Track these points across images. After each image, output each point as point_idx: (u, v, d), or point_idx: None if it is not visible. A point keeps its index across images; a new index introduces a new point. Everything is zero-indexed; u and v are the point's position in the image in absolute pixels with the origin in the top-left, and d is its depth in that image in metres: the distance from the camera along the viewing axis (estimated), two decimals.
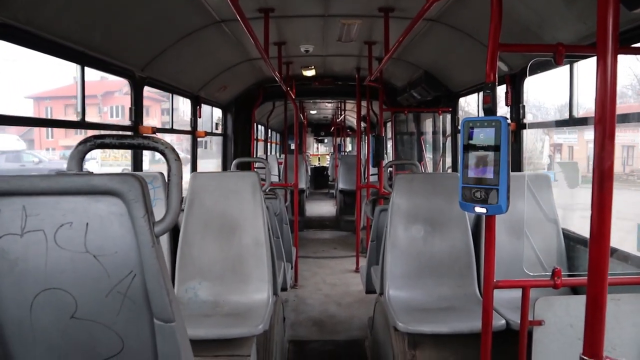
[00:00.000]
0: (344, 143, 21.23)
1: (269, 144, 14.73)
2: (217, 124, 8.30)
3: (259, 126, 11.95)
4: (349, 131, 20.84)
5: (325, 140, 27.17)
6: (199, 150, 6.40)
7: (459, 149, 2.41)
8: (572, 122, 3.81)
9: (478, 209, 2.30)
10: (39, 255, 1.34)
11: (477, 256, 3.89)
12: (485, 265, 2.40)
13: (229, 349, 3.25)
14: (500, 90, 4.40)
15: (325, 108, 16.19)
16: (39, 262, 1.35)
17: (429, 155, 8.81)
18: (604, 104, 1.56)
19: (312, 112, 17.33)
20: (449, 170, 7.15)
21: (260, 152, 12.86)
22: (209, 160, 14.23)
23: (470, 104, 7.14)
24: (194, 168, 6.24)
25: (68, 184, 1.29)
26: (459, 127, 3.03)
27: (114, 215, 1.32)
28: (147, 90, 4.60)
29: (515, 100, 4.42)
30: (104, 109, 42.35)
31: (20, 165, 24.06)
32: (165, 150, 1.42)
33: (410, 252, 3.96)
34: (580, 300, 2.30)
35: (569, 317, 2.44)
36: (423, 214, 4.02)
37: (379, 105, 6.96)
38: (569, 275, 3.63)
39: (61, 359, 1.44)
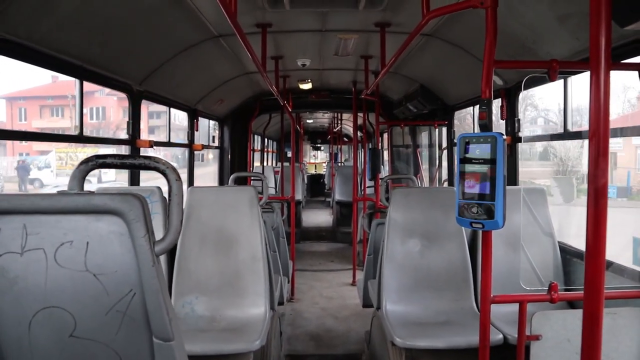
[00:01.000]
0: (340, 152, 21.21)
1: (265, 153, 14.76)
2: (213, 137, 8.32)
3: (256, 136, 11.98)
4: (346, 139, 20.86)
5: (322, 148, 27.16)
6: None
7: (456, 165, 2.43)
8: (567, 135, 3.84)
9: (475, 225, 2.31)
10: (38, 273, 1.35)
11: (474, 270, 3.89)
12: (482, 280, 2.40)
13: None
14: (496, 104, 4.46)
15: (321, 117, 16.22)
16: (39, 280, 1.35)
17: (425, 167, 8.83)
18: (598, 120, 1.58)
19: (308, 121, 17.36)
20: (445, 183, 7.18)
21: (257, 161, 12.87)
22: (204, 169, 14.21)
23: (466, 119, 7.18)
24: (190, 182, 6.25)
25: (69, 203, 1.29)
26: (455, 142, 3.05)
27: (114, 234, 1.33)
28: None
29: (511, 114, 4.45)
30: (83, 111, 41.69)
31: None
32: (166, 171, 1.43)
33: (407, 266, 3.97)
34: (577, 315, 2.30)
35: (566, 332, 2.45)
36: (420, 228, 4.03)
37: (376, 118, 7.00)
38: (566, 290, 3.64)
39: None
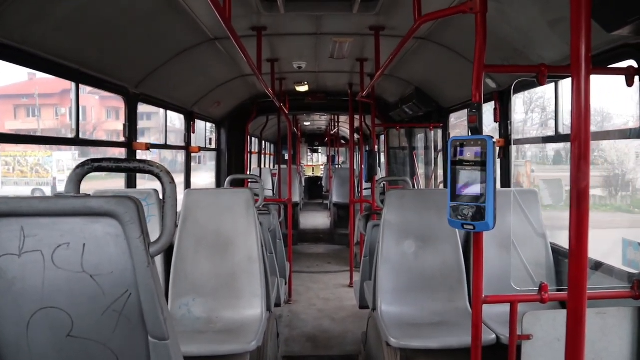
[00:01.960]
0: (337, 154, 21.22)
1: (263, 156, 14.78)
2: (210, 139, 8.34)
3: (253, 138, 12.01)
4: (343, 141, 20.89)
5: (320, 150, 27.15)
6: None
7: (448, 167, 2.46)
8: (558, 138, 3.89)
9: (466, 226, 2.35)
10: (36, 275, 1.38)
11: (467, 271, 3.93)
12: (474, 280, 2.44)
13: None
14: (489, 107, 4.50)
15: (319, 120, 16.26)
16: (36, 281, 1.38)
17: (421, 170, 8.87)
18: (579, 124, 1.62)
19: (306, 123, 17.39)
20: (441, 185, 7.21)
21: (254, 164, 12.91)
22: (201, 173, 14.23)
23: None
24: (187, 184, 6.27)
25: (66, 205, 1.33)
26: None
27: (110, 236, 1.36)
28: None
29: (504, 116, 4.49)
30: (62, 110, 36.40)
31: None
32: (160, 174, 1.47)
33: (402, 267, 4.00)
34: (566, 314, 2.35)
35: (556, 331, 2.49)
36: (414, 229, 4.06)
37: (372, 120, 7.03)
38: (558, 290, 3.68)
39: None
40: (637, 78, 2.64)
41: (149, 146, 4.70)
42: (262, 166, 13.40)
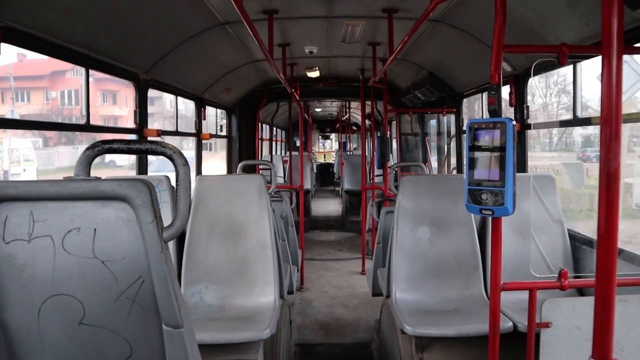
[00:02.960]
0: (349, 141, 21.15)
1: (273, 143, 14.76)
2: (221, 126, 8.31)
3: (264, 125, 11.97)
4: (355, 127, 20.77)
5: (331, 137, 27.06)
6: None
7: (465, 151, 2.40)
8: (576, 122, 3.80)
9: (484, 211, 2.29)
10: (46, 261, 1.35)
11: (483, 257, 3.88)
12: (492, 267, 2.39)
13: (235, 353, 3.25)
14: (504, 91, 4.41)
15: (330, 106, 16.19)
16: (47, 267, 1.35)
17: (433, 156, 8.80)
18: (610, 104, 1.55)
19: (317, 109, 17.31)
20: (454, 171, 7.14)
21: (265, 151, 12.88)
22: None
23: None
24: (199, 171, 6.25)
25: (76, 189, 1.29)
26: (464, 129, 3.02)
27: (122, 220, 1.32)
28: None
29: (520, 100, 4.41)
30: (53, 94, 34.02)
31: None
32: (173, 155, 1.42)
33: (416, 254, 3.96)
34: (588, 302, 2.29)
35: (576, 319, 2.43)
36: (429, 215, 4.01)
37: (384, 106, 6.97)
38: (576, 277, 3.62)
39: None
40: None
41: (160, 132, 4.67)
42: (273, 153, 13.38)
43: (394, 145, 11.24)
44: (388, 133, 10.00)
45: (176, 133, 5.83)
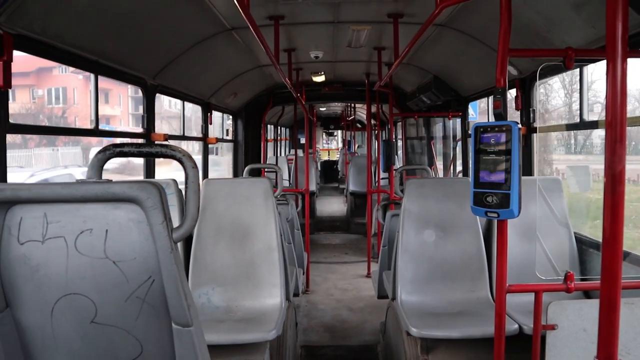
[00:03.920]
0: (353, 139, 21.10)
1: (279, 142, 14.80)
2: (227, 130, 8.35)
3: (269, 125, 11.99)
4: (359, 125, 20.71)
5: (335, 134, 26.95)
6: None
7: (470, 154, 2.42)
8: (583, 125, 3.81)
9: (490, 214, 2.31)
10: (59, 261, 1.38)
11: (488, 260, 3.89)
12: (497, 269, 2.40)
13: (242, 354, 3.27)
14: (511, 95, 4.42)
15: (335, 105, 16.19)
16: (60, 268, 1.38)
17: (439, 159, 8.80)
18: (615, 107, 1.57)
19: (321, 108, 17.30)
20: (460, 175, 7.14)
21: (270, 151, 12.90)
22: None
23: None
24: (205, 174, 6.29)
25: (88, 191, 1.32)
26: (470, 132, 3.04)
27: (133, 221, 1.35)
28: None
29: (526, 104, 4.42)
30: (39, 92, 31.90)
31: None
32: (182, 158, 1.45)
33: (422, 256, 3.97)
34: (594, 304, 2.29)
35: (582, 322, 2.44)
36: (434, 218, 4.02)
37: (389, 110, 6.98)
38: (582, 279, 3.62)
39: None
40: None
41: (167, 137, 4.71)
42: (278, 154, 13.39)
43: (400, 149, 11.25)
44: (393, 136, 10.01)
45: (183, 137, 5.87)
